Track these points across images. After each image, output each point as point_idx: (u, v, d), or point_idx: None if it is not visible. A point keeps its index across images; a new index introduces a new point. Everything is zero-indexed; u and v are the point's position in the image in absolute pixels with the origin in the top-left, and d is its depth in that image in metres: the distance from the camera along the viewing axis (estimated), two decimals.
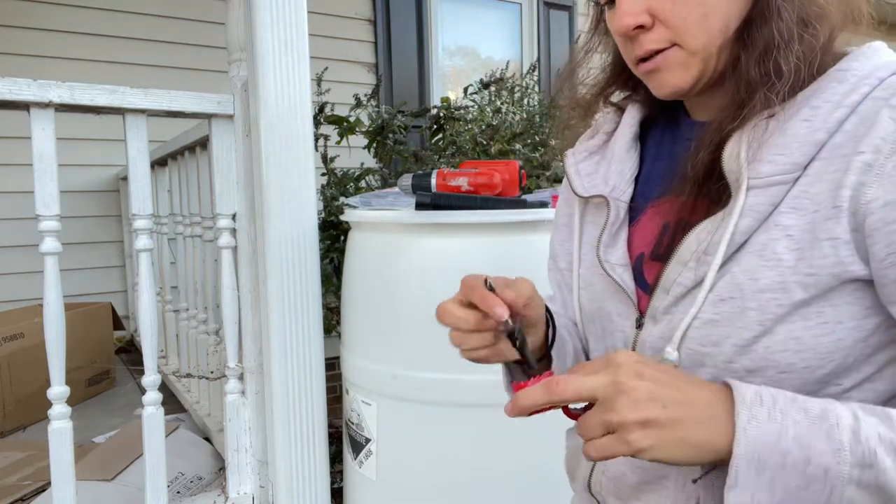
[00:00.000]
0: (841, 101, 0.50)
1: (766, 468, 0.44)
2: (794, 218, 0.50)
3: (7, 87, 1.15)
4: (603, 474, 0.64)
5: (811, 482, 0.44)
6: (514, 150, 2.25)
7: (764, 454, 0.44)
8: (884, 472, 0.43)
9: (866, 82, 0.50)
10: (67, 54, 2.84)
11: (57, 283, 1.22)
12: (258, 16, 1.31)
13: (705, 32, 0.54)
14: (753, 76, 0.53)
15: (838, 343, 0.50)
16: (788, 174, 0.51)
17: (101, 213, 2.98)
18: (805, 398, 0.47)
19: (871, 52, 0.53)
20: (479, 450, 1.29)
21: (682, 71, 0.56)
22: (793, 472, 0.44)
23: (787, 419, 0.45)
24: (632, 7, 0.55)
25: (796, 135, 0.51)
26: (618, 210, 0.64)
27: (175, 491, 1.58)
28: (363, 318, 1.40)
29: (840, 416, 0.44)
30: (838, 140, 0.50)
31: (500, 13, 4.10)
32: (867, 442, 0.43)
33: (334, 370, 1.55)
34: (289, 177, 1.37)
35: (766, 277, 0.50)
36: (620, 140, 0.67)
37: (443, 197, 1.34)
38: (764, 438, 0.44)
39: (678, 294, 0.55)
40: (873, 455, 0.43)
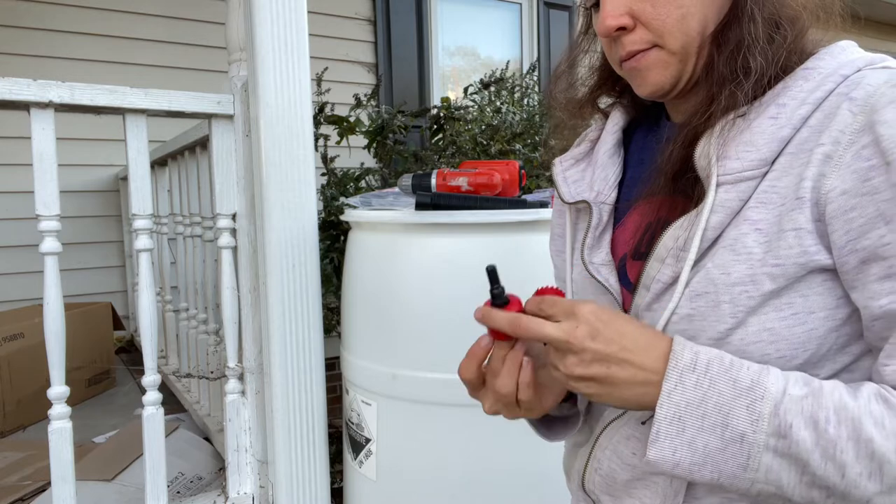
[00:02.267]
0: (806, 98, 0.52)
1: (687, 429, 0.49)
2: (762, 212, 0.52)
3: (7, 87, 1.15)
4: (596, 472, 0.65)
5: (728, 445, 0.48)
6: (514, 150, 2.25)
7: (685, 417, 0.49)
8: (797, 444, 0.46)
9: (831, 79, 0.52)
10: (67, 54, 2.84)
11: (57, 283, 1.22)
12: (258, 16, 1.31)
13: (684, 33, 0.56)
14: (723, 74, 0.55)
15: (811, 333, 0.51)
16: (756, 170, 0.53)
17: (101, 213, 2.98)
18: (741, 367, 0.50)
19: (838, 51, 0.54)
20: (478, 450, 1.29)
21: (663, 70, 0.58)
22: (711, 435, 0.48)
23: (713, 388, 0.49)
24: (614, 10, 0.57)
25: (763, 132, 0.53)
26: (601, 214, 0.65)
27: (175, 491, 1.58)
28: (363, 318, 1.40)
29: (767, 390, 0.48)
30: (804, 135, 0.52)
31: (500, 13, 4.10)
32: (785, 415, 0.47)
33: (334, 370, 1.55)
34: (289, 177, 1.37)
35: (737, 271, 0.52)
36: (604, 146, 0.69)
37: (443, 197, 1.34)
38: (686, 403, 0.49)
39: (658, 291, 0.57)
40: (789, 427, 0.47)
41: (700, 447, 0.49)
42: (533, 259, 1.26)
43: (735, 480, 0.49)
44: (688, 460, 0.49)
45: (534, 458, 1.28)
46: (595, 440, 0.64)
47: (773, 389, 0.48)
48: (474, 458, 1.29)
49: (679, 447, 0.49)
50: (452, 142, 2.40)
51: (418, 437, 1.31)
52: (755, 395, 0.48)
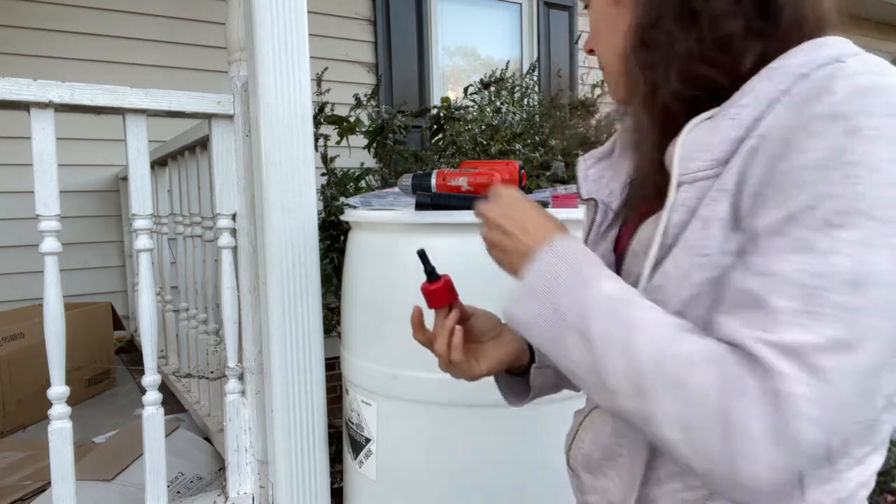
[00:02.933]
0: (762, 98, 0.53)
1: (533, 295, 0.58)
2: (709, 209, 0.54)
3: (7, 87, 1.15)
4: (578, 451, 0.72)
5: (554, 316, 0.56)
6: (514, 150, 2.25)
7: (535, 285, 0.59)
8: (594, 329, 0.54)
9: (789, 79, 0.52)
10: (67, 54, 2.84)
11: (57, 283, 1.22)
12: (258, 16, 1.31)
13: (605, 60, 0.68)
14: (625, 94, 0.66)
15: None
16: (710, 170, 0.55)
17: (101, 213, 2.98)
18: (592, 265, 0.58)
19: (810, 48, 0.54)
20: (478, 450, 1.29)
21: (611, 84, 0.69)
22: (544, 306, 0.57)
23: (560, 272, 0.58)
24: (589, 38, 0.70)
25: (720, 132, 0.55)
26: (606, 212, 0.71)
27: (175, 491, 1.58)
28: (363, 318, 1.40)
29: (598, 289, 0.55)
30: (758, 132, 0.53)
31: (500, 13, 4.10)
32: (597, 305, 0.54)
33: (334, 370, 1.55)
34: (289, 177, 1.37)
35: (686, 264, 0.55)
36: (619, 146, 0.74)
37: (443, 197, 1.34)
38: (539, 276, 0.59)
39: (632, 283, 0.60)
40: (590, 312, 0.54)
41: (534, 312, 0.58)
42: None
43: (553, 347, 0.57)
44: (524, 319, 0.59)
45: (534, 458, 1.28)
46: (580, 423, 0.73)
47: (605, 288, 0.55)
48: (474, 457, 1.29)
49: (522, 308, 0.59)
50: (452, 142, 2.40)
51: (418, 437, 1.31)
52: (587, 286, 0.56)
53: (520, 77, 2.94)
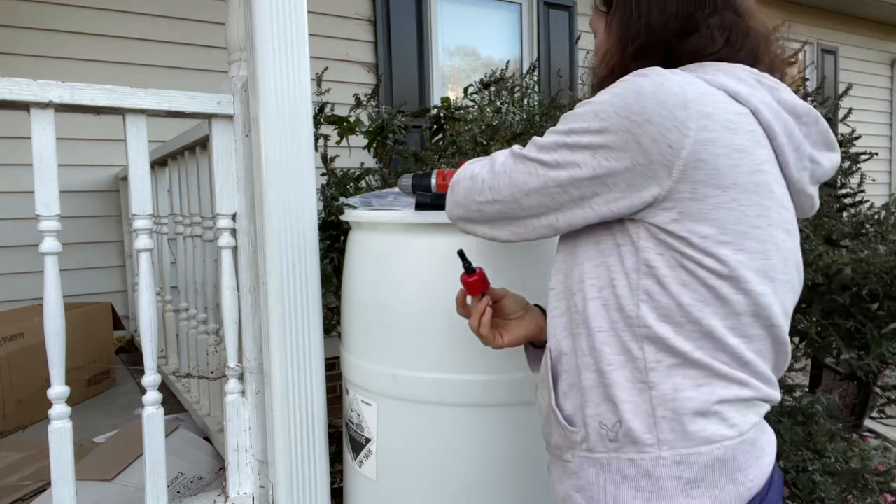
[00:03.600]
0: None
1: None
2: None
3: (7, 87, 1.15)
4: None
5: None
6: None
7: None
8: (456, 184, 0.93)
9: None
10: (67, 54, 2.84)
11: (57, 283, 1.22)
12: (258, 16, 1.31)
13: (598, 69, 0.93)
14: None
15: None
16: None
17: (101, 213, 2.98)
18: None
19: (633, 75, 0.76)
20: (479, 450, 1.29)
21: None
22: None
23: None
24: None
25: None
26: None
27: (175, 491, 1.58)
28: (363, 318, 1.40)
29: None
30: None
31: (500, 13, 4.10)
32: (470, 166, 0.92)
33: (334, 370, 1.55)
34: (289, 177, 1.37)
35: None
36: None
37: (443, 197, 1.34)
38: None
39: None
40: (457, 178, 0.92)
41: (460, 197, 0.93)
42: (533, 258, 1.26)
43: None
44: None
45: (534, 458, 1.28)
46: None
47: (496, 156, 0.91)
48: (474, 457, 1.29)
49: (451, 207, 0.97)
50: (452, 142, 2.40)
51: (418, 437, 1.31)
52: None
53: (520, 77, 2.93)
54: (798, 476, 1.92)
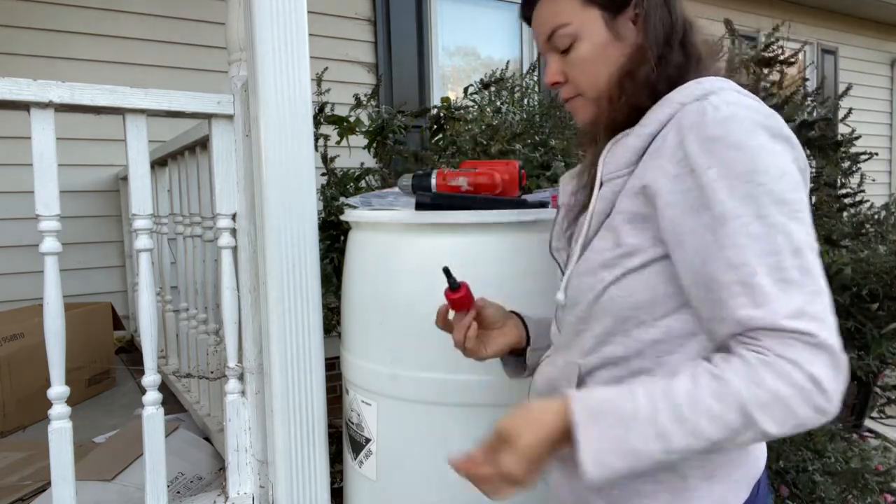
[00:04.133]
0: (656, 120, 0.74)
1: (605, 464, 0.65)
2: (624, 201, 0.74)
3: (7, 87, 1.15)
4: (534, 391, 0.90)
5: (640, 460, 0.65)
6: (514, 150, 2.25)
7: (599, 453, 0.65)
8: (677, 438, 0.64)
9: (673, 107, 0.73)
10: (67, 54, 2.84)
11: (57, 283, 1.22)
12: (258, 16, 1.31)
13: (595, 87, 0.81)
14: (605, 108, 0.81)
15: (644, 281, 0.73)
16: (622, 170, 0.76)
17: (101, 213, 2.98)
18: (622, 402, 0.66)
19: (692, 85, 0.74)
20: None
21: (586, 110, 0.84)
22: (624, 452, 0.65)
23: (610, 432, 0.65)
24: (551, 70, 0.84)
25: (629, 145, 0.76)
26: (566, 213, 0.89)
27: (175, 491, 1.58)
28: (363, 318, 1.40)
29: (641, 413, 0.64)
30: (652, 147, 0.73)
31: (500, 13, 4.10)
32: (661, 426, 0.64)
33: (334, 370, 1.55)
34: (289, 177, 1.37)
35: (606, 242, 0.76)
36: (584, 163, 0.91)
37: (443, 197, 1.34)
38: (596, 445, 0.65)
39: (575, 258, 0.81)
40: (666, 431, 0.63)
41: (619, 470, 0.65)
42: (532, 259, 1.26)
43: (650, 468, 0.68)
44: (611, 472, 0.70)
45: None
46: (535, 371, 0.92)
47: (645, 409, 0.64)
48: None
49: (604, 475, 0.66)
50: (452, 142, 2.40)
51: (418, 437, 1.31)
52: (639, 421, 0.64)
53: (520, 77, 2.93)
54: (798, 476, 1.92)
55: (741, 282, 0.64)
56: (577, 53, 0.80)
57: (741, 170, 0.65)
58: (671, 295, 0.72)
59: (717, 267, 0.66)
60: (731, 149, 0.66)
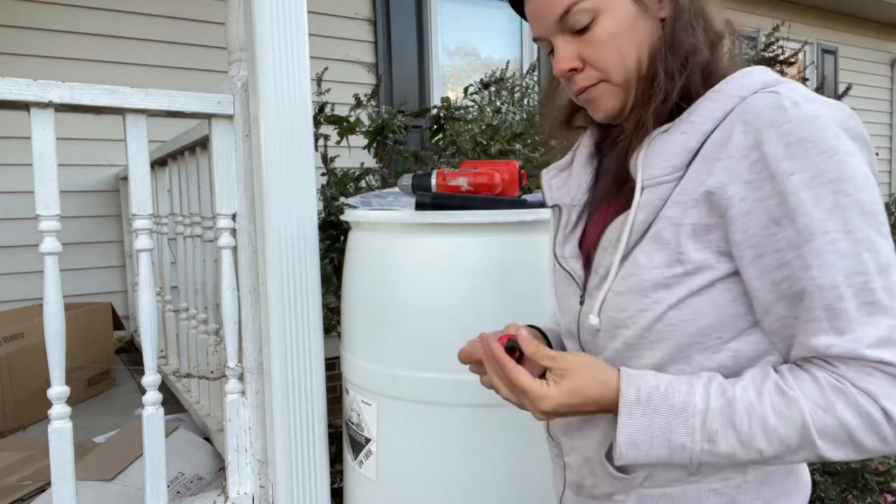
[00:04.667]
0: (710, 116, 0.65)
1: (641, 446, 0.63)
2: (676, 210, 0.65)
3: (7, 87, 1.15)
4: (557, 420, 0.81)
5: (674, 452, 0.62)
6: (514, 150, 2.25)
7: (637, 438, 0.63)
8: (723, 444, 0.61)
9: (731, 101, 0.64)
10: (67, 54, 2.84)
11: (57, 283, 1.22)
12: (258, 16, 1.31)
13: (624, 69, 0.69)
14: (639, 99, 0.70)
15: (710, 301, 0.65)
16: (671, 174, 0.66)
17: (101, 213, 2.98)
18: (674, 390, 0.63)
19: (741, 76, 0.66)
20: (479, 450, 1.29)
21: (611, 98, 0.72)
22: (660, 447, 0.63)
23: (656, 415, 0.62)
24: (566, 55, 0.71)
25: (677, 143, 0.66)
26: (570, 215, 0.80)
27: (175, 491, 1.58)
28: (363, 318, 1.40)
29: (696, 407, 0.62)
30: (708, 148, 0.64)
31: (500, 13, 4.10)
32: (711, 424, 0.61)
33: (334, 370, 1.55)
34: (289, 177, 1.37)
35: (658, 258, 0.66)
36: (579, 158, 0.83)
37: (443, 197, 1.34)
38: (637, 429, 0.63)
39: (602, 274, 0.71)
40: (715, 433, 0.61)
41: (654, 458, 0.63)
42: (532, 259, 1.26)
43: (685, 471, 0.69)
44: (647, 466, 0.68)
45: (534, 458, 1.28)
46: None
47: (700, 406, 0.62)
48: (474, 458, 1.29)
49: (637, 459, 0.64)
50: (452, 142, 2.40)
51: (418, 437, 1.31)
52: (688, 414, 0.62)
53: (520, 77, 2.93)
54: None
55: (825, 306, 0.58)
56: (600, 30, 0.68)
57: (829, 178, 0.58)
58: (740, 315, 0.65)
59: (801, 288, 0.59)
60: (817, 153, 0.58)
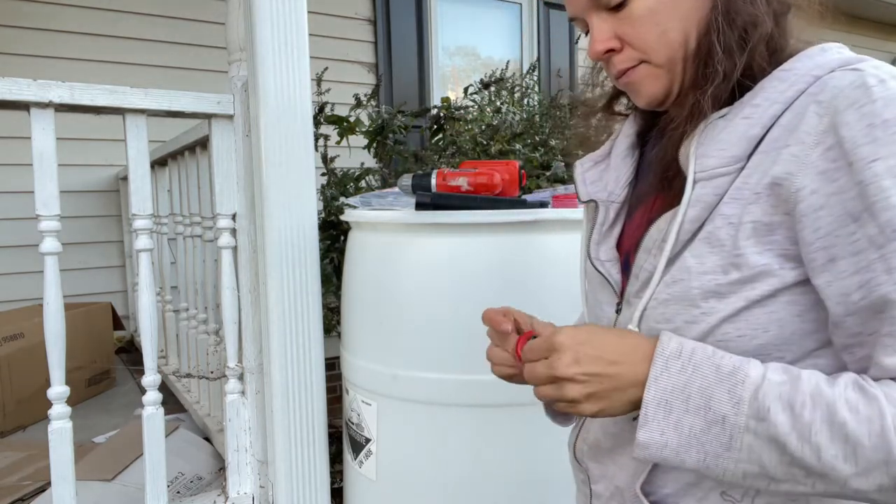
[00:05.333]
0: (777, 98, 0.55)
1: (673, 411, 0.52)
2: (735, 207, 0.55)
3: (7, 87, 1.15)
4: (584, 442, 0.72)
5: (711, 426, 0.51)
6: (514, 150, 2.25)
7: (671, 400, 0.52)
8: (775, 426, 0.49)
9: (803, 80, 0.55)
10: (67, 54, 2.84)
11: (57, 283, 1.22)
12: (258, 16, 1.31)
13: (667, 47, 0.60)
14: (694, 80, 0.60)
15: (771, 315, 0.55)
16: (729, 166, 0.56)
17: (101, 213, 2.98)
18: (724, 355, 0.53)
19: (816, 53, 0.57)
20: (479, 450, 1.29)
21: (654, 81, 0.63)
22: (696, 416, 0.51)
23: (696, 373, 0.52)
24: (601, 35, 0.62)
25: (736, 130, 0.57)
26: (607, 211, 0.70)
27: (175, 491, 1.58)
28: (363, 318, 1.40)
29: (748, 375, 0.51)
30: (775, 134, 0.55)
31: (500, 13, 4.10)
32: (764, 399, 0.49)
33: (334, 370, 1.55)
34: (289, 177, 1.37)
35: (710, 261, 0.56)
36: (618, 149, 0.74)
37: (443, 197, 1.34)
38: (672, 387, 0.52)
39: (644, 279, 0.62)
40: (766, 410, 0.49)
41: (686, 429, 0.51)
42: (533, 259, 1.26)
43: (720, 461, 0.51)
44: (675, 442, 0.52)
45: (534, 458, 1.28)
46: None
47: (754, 374, 0.51)
48: (474, 458, 1.29)
49: (666, 429, 0.52)
50: (452, 142, 2.40)
51: (418, 437, 1.31)
52: (736, 380, 0.51)
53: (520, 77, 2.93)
54: None
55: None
56: (638, 4, 0.59)
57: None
58: (808, 333, 0.55)
59: (881, 296, 0.49)
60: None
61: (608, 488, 0.68)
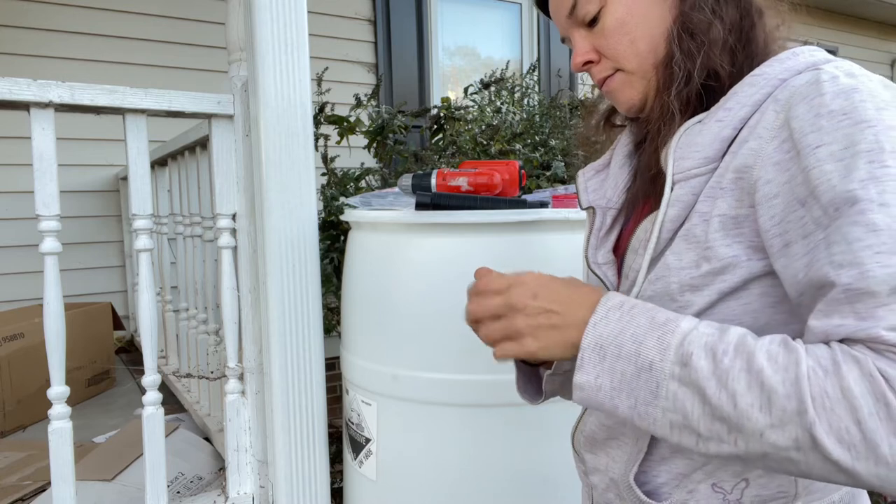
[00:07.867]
0: (747, 101, 0.60)
1: (606, 356, 0.54)
2: (708, 204, 0.60)
3: (7, 87, 1.15)
4: (581, 433, 0.76)
5: (641, 371, 0.53)
6: (514, 150, 2.25)
7: (605, 346, 0.55)
8: (696, 371, 0.50)
9: (770, 84, 0.59)
10: (67, 54, 2.84)
11: (57, 283, 1.22)
12: (258, 16, 1.31)
13: (637, 55, 0.66)
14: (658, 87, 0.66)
15: (746, 307, 0.59)
16: (704, 167, 0.61)
17: (101, 213, 2.98)
18: (663, 310, 0.56)
19: (787, 56, 0.61)
20: (479, 450, 1.29)
21: (629, 88, 0.69)
22: (627, 362, 0.54)
23: (632, 322, 0.55)
24: (580, 48, 0.69)
25: (710, 133, 0.61)
26: (604, 217, 0.75)
27: (175, 491, 1.58)
28: (363, 318, 1.40)
29: (679, 325, 0.53)
30: (743, 134, 0.59)
31: (500, 13, 4.10)
32: (689, 346, 0.51)
33: (334, 370, 1.55)
34: (289, 177, 1.37)
35: (687, 257, 0.60)
36: (616, 158, 0.78)
37: (443, 197, 1.34)
38: (607, 333, 0.55)
39: (633, 278, 0.66)
40: (689, 356, 0.51)
41: (618, 374, 0.54)
42: (533, 259, 1.26)
43: (649, 408, 0.53)
44: (607, 385, 0.54)
45: (535, 458, 1.28)
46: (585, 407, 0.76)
47: (685, 325, 0.53)
48: (474, 458, 1.29)
49: (601, 373, 0.55)
50: (452, 142, 2.40)
51: (418, 437, 1.31)
52: (667, 329, 0.53)
53: (520, 77, 2.94)
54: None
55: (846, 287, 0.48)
56: (609, 18, 0.66)
57: (863, 147, 0.50)
58: (783, 324, 0.58)
59: (820, 269, 0.50)
60: (851, 124, 0.51)
61: (603, 480, 0.72)
